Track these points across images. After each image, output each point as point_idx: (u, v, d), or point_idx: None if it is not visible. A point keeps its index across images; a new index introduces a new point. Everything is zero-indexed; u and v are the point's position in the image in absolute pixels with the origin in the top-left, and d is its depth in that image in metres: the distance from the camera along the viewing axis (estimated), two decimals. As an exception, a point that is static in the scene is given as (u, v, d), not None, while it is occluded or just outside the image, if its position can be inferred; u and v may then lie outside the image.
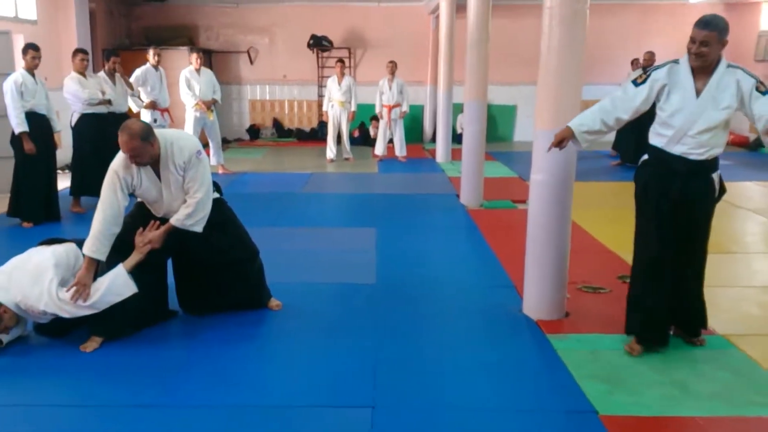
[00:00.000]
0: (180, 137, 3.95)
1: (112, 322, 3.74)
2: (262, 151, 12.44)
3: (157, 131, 3.80)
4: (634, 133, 10.26)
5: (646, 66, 10.14)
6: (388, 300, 4.49)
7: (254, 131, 14.09)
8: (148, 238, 3.79)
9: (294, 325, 4.12)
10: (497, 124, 13.75)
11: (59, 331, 3.84)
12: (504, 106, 13.88)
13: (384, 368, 3.49)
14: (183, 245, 3.97)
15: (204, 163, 3.92)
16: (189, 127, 9.05)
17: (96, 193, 7.42)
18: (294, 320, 4.18)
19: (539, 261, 4.21)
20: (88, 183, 7.25)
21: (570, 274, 4.31)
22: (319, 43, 13.59)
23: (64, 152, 7.25)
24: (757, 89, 3.30)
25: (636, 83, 3.52)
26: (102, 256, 3.66)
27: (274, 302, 4.36)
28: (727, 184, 3.77)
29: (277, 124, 14.26)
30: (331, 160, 11.13)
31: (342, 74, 10.97)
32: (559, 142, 3.65)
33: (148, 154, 3.68)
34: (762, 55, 13.01)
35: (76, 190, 7.27)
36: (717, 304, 4.40)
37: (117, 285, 3.64)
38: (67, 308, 3.54)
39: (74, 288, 3.54)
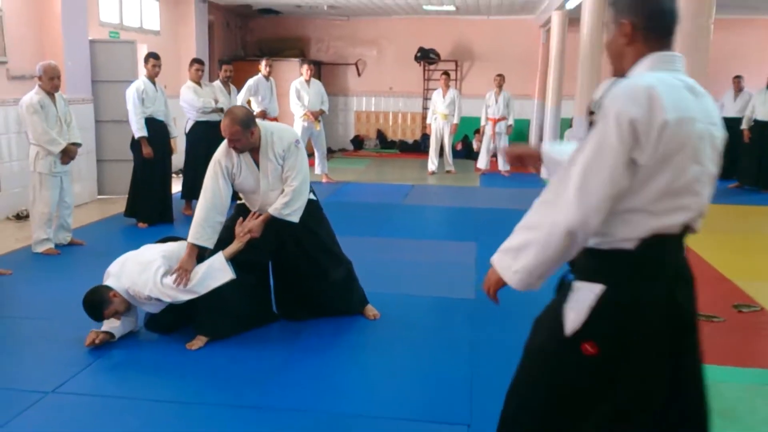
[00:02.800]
0: (280, 128, 4.09)
1: (217, 323, 3.86)
2: (366, 161, 12.60)
3: (258, 122, 3.92)
4: (755, 154, 9.76)
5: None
6: (487, 316, 4.40)
7: (358, 142, 14.31)
8: (247, 227, 3.89)
9: (390, 335, 4.11)
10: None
11: (168, 328, 4.00)
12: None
13: (480, 386, 3.41)
14: (281, 245, 4.05)
15: (302, 152, 4.00)
16: (296, 137, 9.28)
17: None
18: (391, 330, 4.17)
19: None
20: (198, 187, 7.48)
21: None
22: (426, 56, 13.66)
23: (178, 157, 7.57)
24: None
25: None
26: (204, 242, 3.78)
27: (371, 311, 4.37)
28: None
29: (380, 136, 14.41)
30: (433, 173, 11.12)
31: (447, 87, 10.97)
32: None
33: (246, 140, 3.78)
34: None
35: (187, 193, 7.59)
36: None
37: (214, 270, 3.75)
38: (169, 292, 3.69)
39: (176, 272, 3.69)
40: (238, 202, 4.20)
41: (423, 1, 11.52)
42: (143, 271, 3.73)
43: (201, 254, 3.85)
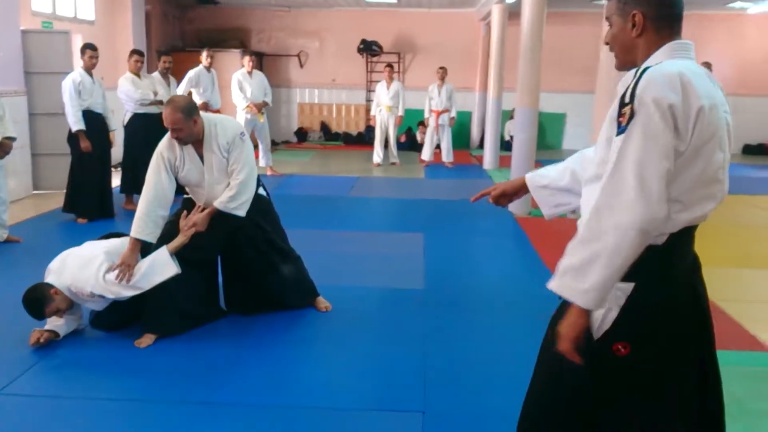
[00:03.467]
0: (224, 120, 4.03)
1: (166, 320, 3.81)
2: (310, 153, 12.55)
3: (202, 113, 3.87)
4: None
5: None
6: (436, 305, 4.47)
7: (302, 134, 14.23)
8: (192, 221, 3.84)
9: (343, 326, 4.13)
10: (546, 132, 13.60)
11: (114, 325, 3.92)
12: (553, 114, 13.72)
13: (434, 374, 3.47)
14: (230, 240, 4.02)
15: (247, 144, 3.96)
16: (239, 129, 9.16)
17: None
18: (342, 322, 4.20)
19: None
20: (138, 181, 7.31)
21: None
22: (369, 48, 13.67)
23: (117, 151, 7.39)
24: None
25: None
26: (147, 237, 3.72)
27: (322, 303, 4.37)
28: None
29: (324, 128, 14.37)
30: (378, 164, 11.16)
31: (391, 79, 11.01)
32: None
33: (189, 129, 3.73)
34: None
35: (127, 187, 7.42)
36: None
37: (159, 264, 3.69)
38: (113, 289, 3.62)
39: (118, 268, 3.62)
40: (185, 196, 4.14)
41: (365, -7, 11.54)
42: (85, 267, 3.65)
43: (145, 249, 3.78)
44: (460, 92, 11.99)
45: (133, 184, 7.38)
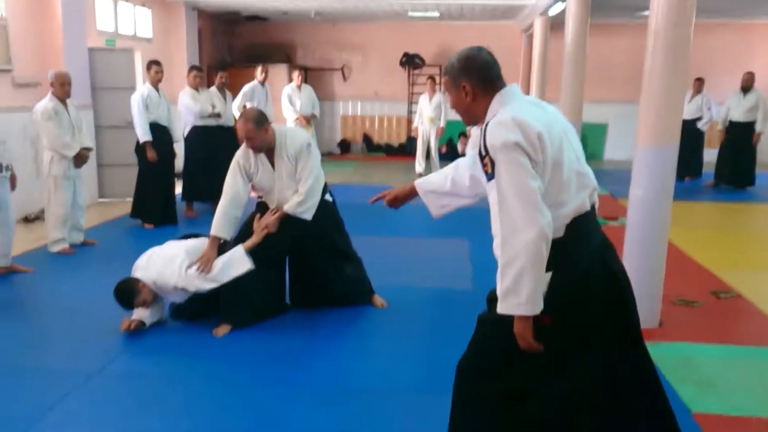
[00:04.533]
0: (294, 131, 4.42)
1: (240, 312, 4.19)
2: (353, 164, 12.90)
3: (274, 125, 4.23)
4: (731, 154, 10.23)
5: (745, 87, 10.06)
6: (485, 303, 4.73)
7: (345, 145, 14.62)
8: (264, 223, 4.22)
9: (399, 321, 4.45)
10: (588, 142, 13.76)
11: (191, 317, 4.31)
12: (595, 125, 13.87)
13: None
14: (298, 242, 4.36)
15: (314, 155, 4.33)
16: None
17: (205, 198, 8.08)
18: (398, 317, 4.51)
19: (635, 273, 4.35)
20: (198, 189, 7.85)
21: (665, 287, 4.45)
22: (411, 61, 14.02)
23: (178, 161, 7.81)
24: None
25: None
26: (224, 234, 4.11)
27: (378, 300, 4.70)
28: None
29: (366, 139, 14.74)
30: (420, 174, 11.45)
31: (433, 91, 11.31)
32: None
33: (261, 139, 4.11)
34: None
35: (187, 195, 7.85)
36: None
37: (235, 260, 4.07)
38: (194, 282, 4.00)
39: (199, 262, 4.00)
40: (258, 200, 4.50)
41: (408, 7, 11.86)
42: (168, 264, 4.04)
43: (222, 248, 4.15)
44: (500, 103, 12.20)
45: (193, 193, 7.84)
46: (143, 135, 6.95)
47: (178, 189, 7.87)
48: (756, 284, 5.33)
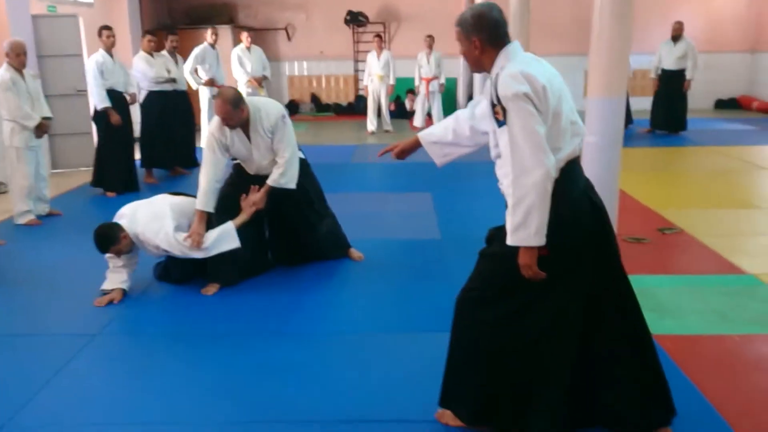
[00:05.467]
0: (267, 103, 4.51)
1: (228, 272, 4.38)
2: (304, 125, 12.96)
3: (246, 99, 4.37)
4: (663, 101, 10.75)
5: (675, 36, 10.52)
6: (454, 251, 5.05)
7: (293, 106, 14.63)
8: (252, 200, 4.39)
9: (377, 270, 4.73)
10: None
11: (177, 280, 4.46)
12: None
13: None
14: (276, 202, 4.54)
15: (288, 126, 4.49)
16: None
17: (164, 165, 8.17)
18: (375, 268, 4.78)
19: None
20: (157, 156, 7.89)
21: (616, 227, 4.82)
22: (355, 19, 14.07)
23: (135, 128, 7.79)
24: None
25: None
26: (210, 208, 4.26)
27: (355, 253, 4.95)
28: (755, 148, 4.15)
29: (315, 99, 14.80)
30: (372, 132, 11.66)
31: (380, 49, 11.45)
32: None
33: (237, 117, 4.24)
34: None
35: (147, 162, 7.88)
36: (746, 250, 5.00)
37: (224, 238, 4.24)
38: (181, 248, 4.15)
39: (191, 238, 4.15)
40: (233, 161, 4.65)
41: (350, -35, 11.89)
42: (155, 221, 4.14)
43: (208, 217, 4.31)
44: (445, 59, 12.43)
45: (151, 159, 7.87)
46: (101, 102, 6.93)
47: (137, 156, 7.88)
48: (696, 220, 5.79)
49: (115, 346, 3.67)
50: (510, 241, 2.38)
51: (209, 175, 4.29)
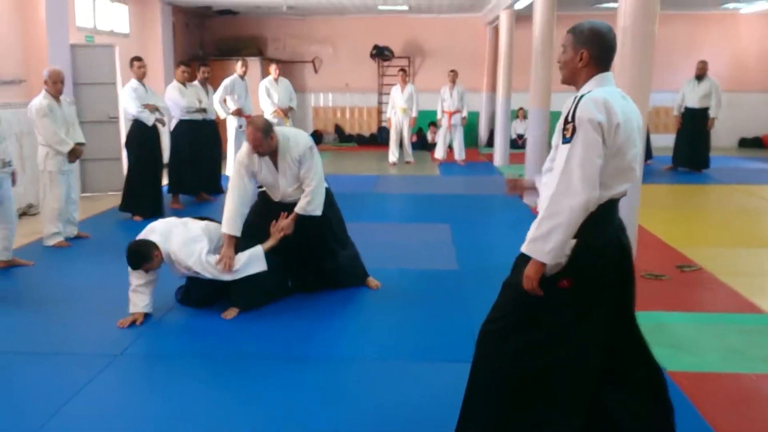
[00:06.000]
0: (296, 134, 4.66)
1: (250, 296, 4.47)
2: (326, 155, 13.12)
3: (276, 128, 4.50)
4: (687, 139, 10.77)
5: (699, 75, 10.58)
6: (472, 281, 5.11)
7: (317, 136, 14.85)
8: (280, 226, 4.52)
9: (394, 299, 4.80)
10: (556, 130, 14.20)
11: (199, 303, 4.56)
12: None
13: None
14: (300, 232, 4.65)
15: (316, 156, 4.62)
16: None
17: (191, 191, 8.35)
18: (393, 296, 4.85)
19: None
20: (184, 182, 8.09)
21: (635, 263, 4.85)
22: (380, 53, 14.33)
23: (163, 153, 7.97)
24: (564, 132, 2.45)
25: None
26: (237, 233, 4.38)
27: (372, 282, 5.03)
28: None
29: (338, 130, 15.02)
30: (394, 164, 11.80)
31: (404, 82, 11.65)
32: None
33: (267, 145, 4.39)
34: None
35: (174, 188, 8.07)
36: (765, 289, 5.03)
37: (253, 261, 4.38)
38: (212, 271, 4.27)
39: (222, 261, 4.27)
40: (260, 189, 4.78)
41: (378, 0, 12.14)
42: (190, 243, 4.26)
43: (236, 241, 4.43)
44: (467, 93, 12.59)
45: (179, 185, 8.06)
46: (139, 111, 7.11)
47: (164, 181, 8.06)
48: (716, 258, 5.79)
49: (136, 367, 3.76)
50: (523, 248, 2.44)
51: (236, 201, 4.42)
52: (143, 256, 4.22)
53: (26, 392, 3.43)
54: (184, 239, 4.27)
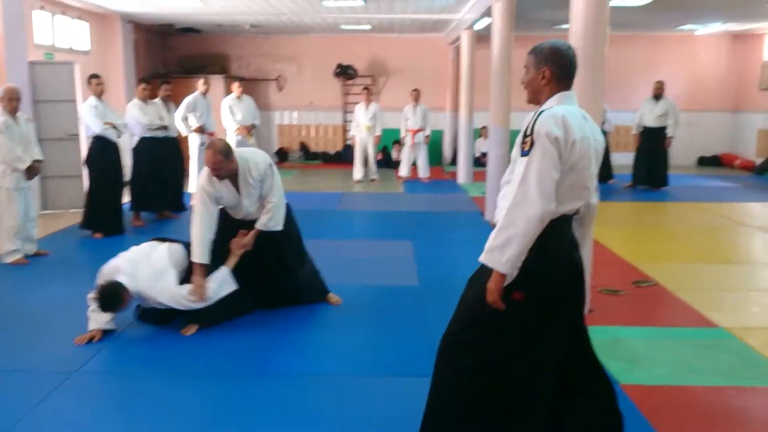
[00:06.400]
0: (254, 154, 4.67)
1: (211, 313, 4.44)
2: (292, 172, 13.13)
3: (235, 150, 4.51)
4: (645, 157, 11.00)
5: (656, 94, 10.84)
6: (432, 297, 5.15)
7: (282, 154, 14.85)
8: (241, 243, 4.53)
9: (354, 315, 4.83)
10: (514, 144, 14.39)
11: (158, 320, 4.52)
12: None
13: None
14: (258, 248, 4.65)
15: (276, 173, 4.66)
16: (231, 150, 9.76)
17: (153, 208, 8.28)
18: (353, 312, 4.88)
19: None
20: (146, 199, 8.03)
21: (592, 279, 4.93)
22: (344, 72, 14.41)
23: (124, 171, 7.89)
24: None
25: None
26: (207, 260, 4.39)
27: (333, 298, 5.05)
28: (734, 205, 4.27)
29: (303, 148, 15.03)
30: (359, 181, 11.84)
31: (368, 101, 11.72)
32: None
33: (227, 168, 4.39)
34: (766, 84, 13.69)
35: (136, 205, 8.00)
36: (719, 304, 5.12)
37: (223, 284, 4.40)
38: (185, 303, 4.27)
39: (196, 292, 4.27)
40: (219, 207, 4.76)
41: (341, 20, 12.23)
42: (159, 279, 4.24)
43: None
44: (431, 112, 12.69)
45: (141, 202, 8.00)
46: (101, 128, 7.05)
47: (125, 198, 7.98)
48: (672, 274, 5.92)
49: (92, 383, 3.72)
50: (481, 258, 2.50)
51: (203, 228, 4.41)
52: (115, 300, 4.18)
53: (-23, 412, 3.36)
54: (151, 275, 4.23)
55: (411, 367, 3.88)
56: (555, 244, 2.52)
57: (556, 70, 2.56)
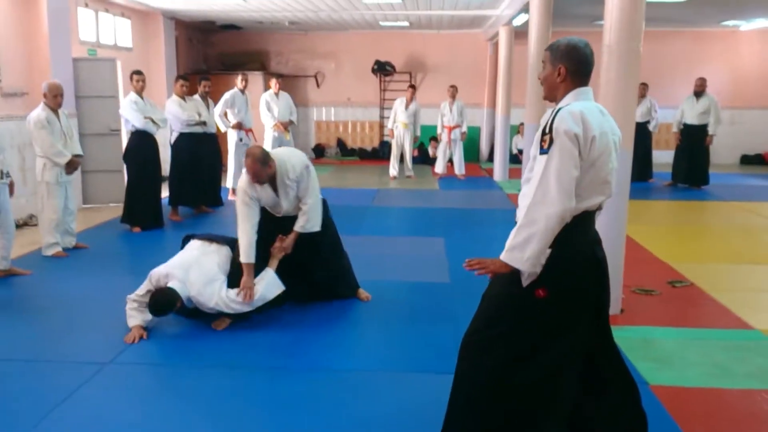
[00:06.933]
0: (291, 156, 4.75)
1: (241, 307, 4.51)
2: (328, 168, 13.23)
3: (271, 152, 4.57)
4: (686, 155, 10.81)
5: (697, 91, 10.63)
6: (463, 294, 5.13)
7: (319, 150, 14.96)
8: (283, 246, 4.64)
9: (384, 311, 4.86)
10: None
11: (190, 313, 4.60)
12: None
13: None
14: (296, 246, 4.72)
15: (312, 174, 4.71)
16: (267, 146, 9.87)
17: (190, 203, 8.42)
18: (383, 308, 4.91)
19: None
20: (184, 194, 8.17)
21: (625, 278, 4.88)
22: (382, 68, 14.44)
23: (162, 166, 8.06)
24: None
25: None
26: (253, 260, 4.47)
27: (363, 293, 5.08)
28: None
29: (341, 144, 15.11)
30: (394, 177, 11.86)
31: (411, 99, 11.70)
32: None
33: (265, 174, 4.49)
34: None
35: (174, 200, 8.14)
36: (755, 306, 5.03)
37: (271, 286, 4.50)
38: (234, 307, 4.35)
39: (243, 292, 4.35)
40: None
41: (379, 17, 12.26)
42: (208, 284, 4.32)
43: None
44: (468, 108, 12.65)
45: (179, 197, 8.14)
46: (142, 123, 7.18)
47: (164, 193, 8.13)
48: (708, 274, 5.82)
49: (125, 375, 3.80)
50: (502, 256, 2.48)
51: (248, 229, 4.50)
52: (169, 306, 4.27)
53: (14, 398, 3.47)
54: (203, 281, 4.31)
55: (440, 364, 3.88)
56: (578, 241, 2.52)
57: (572, 67, 2.56)
